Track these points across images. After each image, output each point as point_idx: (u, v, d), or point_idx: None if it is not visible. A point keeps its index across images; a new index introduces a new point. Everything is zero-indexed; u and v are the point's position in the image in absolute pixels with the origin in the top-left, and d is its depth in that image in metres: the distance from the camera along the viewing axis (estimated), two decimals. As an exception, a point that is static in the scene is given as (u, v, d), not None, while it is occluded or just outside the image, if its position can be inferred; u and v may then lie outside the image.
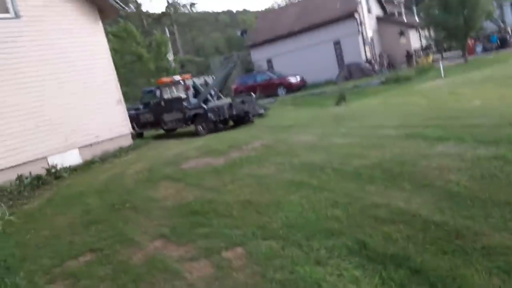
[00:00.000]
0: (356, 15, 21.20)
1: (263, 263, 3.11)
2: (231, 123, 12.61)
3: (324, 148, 6.03)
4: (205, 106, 11.76)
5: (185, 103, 12.39)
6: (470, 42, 21.35)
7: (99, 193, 6.24)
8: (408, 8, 28.21)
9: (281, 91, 20.14)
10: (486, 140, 4.62)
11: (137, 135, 13.88)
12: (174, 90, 12.84)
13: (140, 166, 7.74)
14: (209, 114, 11.56)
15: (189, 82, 12.83)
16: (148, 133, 14.25)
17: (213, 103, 12.26)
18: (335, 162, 5.11)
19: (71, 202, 6.15)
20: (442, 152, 4.55)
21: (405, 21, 25.61)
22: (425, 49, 25.39)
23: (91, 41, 10.10)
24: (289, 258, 3.10)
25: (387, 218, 3.39)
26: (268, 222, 3.83)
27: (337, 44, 21.88)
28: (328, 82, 20.86)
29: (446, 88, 12.61)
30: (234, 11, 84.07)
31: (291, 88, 19.98)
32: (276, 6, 67.43)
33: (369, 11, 23.07)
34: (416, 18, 26.33)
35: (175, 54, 34.24)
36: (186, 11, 46.76)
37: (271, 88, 20.26)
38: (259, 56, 24.46)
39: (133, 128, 13.45)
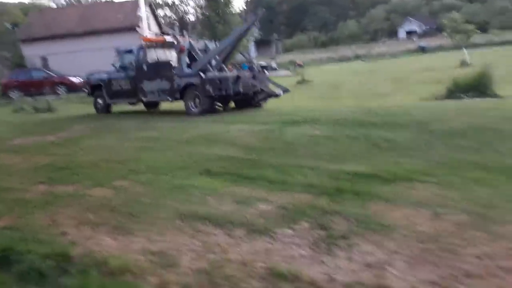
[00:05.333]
0: (138, 29, 23.09)
1: (147, 183, 4.72)
2: (232, 104, 10.28)
3: (153, 128, 7.82)
4: (202, 75, 9.06)
5: (175, 70, 9.51)
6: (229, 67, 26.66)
7: None
8: (181, 31, 32.17)
9: (61, 90, 19.85)
10: (261, 122, 7.55)
11: (103, 109, 10.90)
12: (163, 54, 10.16)
13: None
14: (207, 87, 8.87)
15: (185, 44, 10.04)
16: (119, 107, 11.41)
17: (214, 73, 9.45)
18: (168, 136, 7.01)
19: None
20: (238, 129, 7.16)
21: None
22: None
23: None
24: (164, 180, 4.81)
25: (216, 159, 5.53)
26: (135, 167, 5.36)
27: (119, 52, 23.10)
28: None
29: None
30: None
31: (74, 88, 19.97)
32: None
33: (149, 28, 25.33)
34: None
35: None
36: None
37: (48, 86, 19.73)
38: (32, 53, 22.93)
39: (99, 97, 10.87)
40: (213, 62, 9.83)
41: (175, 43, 10.10)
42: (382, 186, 4.01)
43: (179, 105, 10.25)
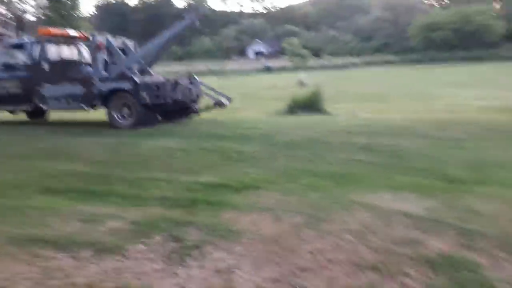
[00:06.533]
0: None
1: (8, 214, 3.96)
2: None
3: None
4: (137, 79, 7.52)
5: (91, 72, 7.93)
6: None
7: None
8: (17, 32, 28.31)
9: None
10: (112, 134, 7.20)
11: None
12: (66, 51, 8.45)
13: None
14: (143, 94, 7.43)
15: (102, 40, 7.98)
16: None
17: (145, 78, 8.03)
18: (1, 151, 6.09)
19: None
20: (86, 141, 6.70)
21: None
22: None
23: None
24: (29, 206, 4.07)
25: (59, 175, 5.02)
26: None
27: None
28: None
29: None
30: None
31: None
32: None
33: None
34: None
35: None
36: None
37: None
38: None
39: None
40: (134, 67, 8.44)
41: (90, 38, 8.32)
42: (233, 195, 4.27)
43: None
